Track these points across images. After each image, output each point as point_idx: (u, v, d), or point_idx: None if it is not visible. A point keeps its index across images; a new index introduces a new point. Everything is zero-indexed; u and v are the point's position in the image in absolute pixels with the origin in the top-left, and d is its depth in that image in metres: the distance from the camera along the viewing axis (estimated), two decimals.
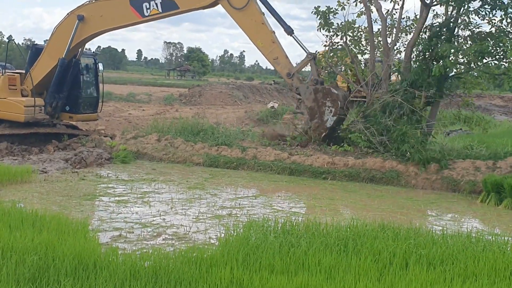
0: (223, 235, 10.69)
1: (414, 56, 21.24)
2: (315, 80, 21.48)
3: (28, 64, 23.26)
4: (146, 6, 21.89)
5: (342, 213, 14.30)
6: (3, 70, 22.32)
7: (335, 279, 8.14)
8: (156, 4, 21.80)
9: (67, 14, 22.63)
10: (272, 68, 22.90)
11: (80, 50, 23.57)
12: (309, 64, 21.89)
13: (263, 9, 21.76)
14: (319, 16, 22.55)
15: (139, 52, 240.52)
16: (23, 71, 23.35)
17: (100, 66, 25.52)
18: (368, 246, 9.29)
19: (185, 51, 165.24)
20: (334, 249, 9.21)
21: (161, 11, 21.92)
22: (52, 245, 8.66)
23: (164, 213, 13.21)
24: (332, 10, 22.39)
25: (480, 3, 19.35)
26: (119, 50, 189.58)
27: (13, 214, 10.64)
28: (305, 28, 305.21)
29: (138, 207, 13.76)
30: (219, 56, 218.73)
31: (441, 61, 19.55)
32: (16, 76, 22.44)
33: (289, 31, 21.77)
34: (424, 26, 20.85)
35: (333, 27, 22.61)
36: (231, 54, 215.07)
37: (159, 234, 11.45)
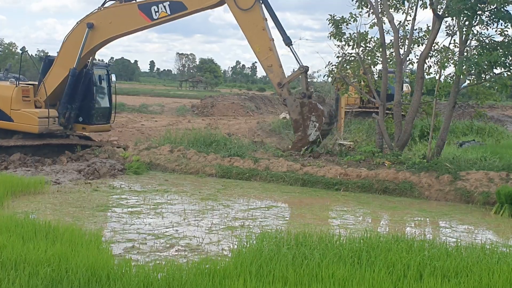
0: (236, 246, 10.66)
1: (427, 68, 21.32)
2: (303, 94, 21.79)
3: (41, 75, 23.30)
4: (154, 9, 21.94)
5: (355, 225, 14.23)
6: (17, 82, 22.37)
7: None
8: (164, 6, 21.85)
9: (76, 23, 22.75)
10: None
11: (91, 59, 23.65)
12: (300, 76, 22.21)
13: (267, 15, 21.98)
14: (331, 24, 22.52)
15: (152, 63, 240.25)
16: (36, 83, 23.43)
17: (113, 77, 25.58)
18: (382, 258, 9.23)
19: (197, 62, 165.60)
20: (348, 261, 9.16)
21: (169, 13, 21.98)
22: (65, 257, 8.68)
23: (177, 224, 13.19)
24: (345, 20, 22.35)
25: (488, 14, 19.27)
26: (132, 61, 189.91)
27: (26, 225, 10.66)
28: (318, 38, 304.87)
29: (151, 218, 13.75)
30: (231, 67, 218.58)
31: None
32: (29, 87, 22.51)
33: (288, 42, 22.04)
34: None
35: (344, 37, 22.56)
36: (243, 65, 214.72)
37: (172, 246, 11.43)
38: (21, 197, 15.18)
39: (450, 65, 20.40)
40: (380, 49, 22.18)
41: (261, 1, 21.73)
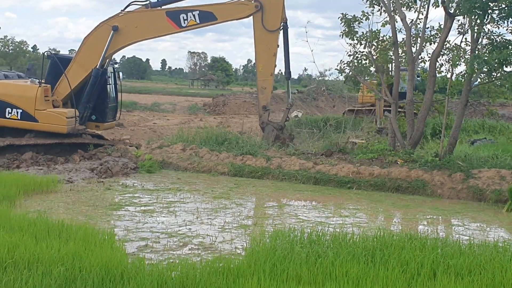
0: (249, 245, 10.67)
1: (439, 66, 21.32)
2: (280, 126, 23.54)
3: (48, 74, 23.26)
4: (183, 17, 22.29)
5: (368, 223, 14.22)
6: (39, 82, 22.35)
7: None
8: (194, 15, 22.27)
9: (99, 24, 22.77)
10: (296, 77, 23.52)
11: (108, 60, 23.71)
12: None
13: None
14: (343, 23, 22.52)
15: (164, 62, 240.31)
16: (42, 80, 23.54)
17: (120, 75, 25.67)
18: (395, 256, 9.23)
19: (209, 61, 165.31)
20: (362, 259, 9.16)
21: (198, 22, 22.44)
22: (79, 256, 8.69)
23: (190, 223, 13.21)
24: (357, 19, 22.35)
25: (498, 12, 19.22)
26: (144, 59, 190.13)
27: (39, 224, 10.69)
28: (329, 37, 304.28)
29: (164, 216, 13.78)
30: (243, 66, 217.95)
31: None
32: (48, 87, 22.50)
33: (287, 76, 24.11)
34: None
35: (356, 35, 22.56)
36: (255, 63, 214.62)
37: (185, 244, 11.45)
38: (34, 196, 15.19)
39: (461, 63, 20.40)
40: (392, 48, 22.15)
41: (281, 29, 22.61)
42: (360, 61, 22.89)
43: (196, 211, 14.47)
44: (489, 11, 18.71)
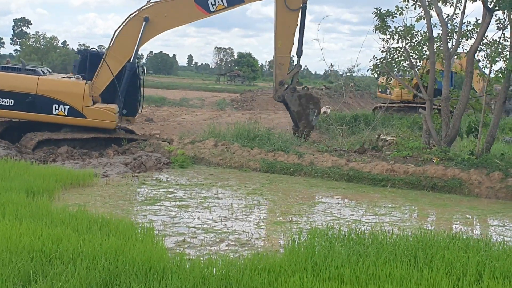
0: (286, 242, 10.57)
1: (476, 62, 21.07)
2: (293, 88, 24.77)
3: (79, 69, 23.34)
4: (211, 2, 22.63)
5: (405, 222, 14.07)
6: (85, 79, 22.35)
7: None
8: None
9: (129, 17, 22.68)
10: (321, 73, 23.89)
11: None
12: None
13: None
14: (377, 17, 22.30)
15: (190, 57, 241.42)
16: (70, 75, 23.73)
17: (145, 70, 25.83)
18: (439, 257, 9.08)
19: (235, 56, 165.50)
20: (404, 259, 9.02)
21: (226, 5, 22.89)
22: (121, 250, 8.67)
23: (225, 219, 13.16)
24: (391, 13, 22.12)
25: None
26: (170, 55, 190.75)
27: (80, 218, 10.71)
28: (356, 32, 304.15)
29: (199, 212, 13.75)
30: (269, 61, 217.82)
31: None
32: (89, 83, 22.48)
33: (299, 54, 24.67)
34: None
35: (389, 30, 22.34)
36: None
37: (222, 240, 11.41)
38: (71, 189, 15.23)
39: (500, 60, 20.11)
40: (427, 43, 21.90)
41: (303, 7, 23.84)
42: (393, 56, 22.70)
43: (231, 207, 14.43)
44: None
